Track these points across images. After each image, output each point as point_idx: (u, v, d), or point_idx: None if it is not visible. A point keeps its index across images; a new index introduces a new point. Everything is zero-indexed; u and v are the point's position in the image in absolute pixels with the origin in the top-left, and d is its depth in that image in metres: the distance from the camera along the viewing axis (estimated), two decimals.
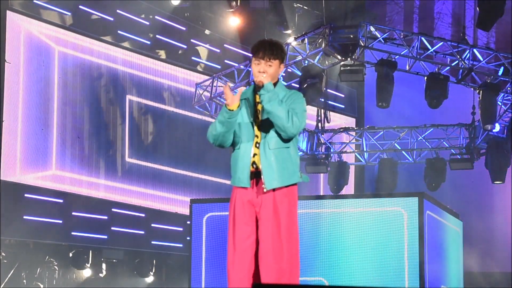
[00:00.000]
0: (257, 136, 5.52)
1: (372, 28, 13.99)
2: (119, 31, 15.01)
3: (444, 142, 16.00)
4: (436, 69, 14.11)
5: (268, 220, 5.44)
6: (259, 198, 5.48)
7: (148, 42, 15.56)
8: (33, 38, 13.68)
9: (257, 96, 5.56)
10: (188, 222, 10.33)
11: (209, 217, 9.85)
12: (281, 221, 5.45)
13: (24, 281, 13.57)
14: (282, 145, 5.52)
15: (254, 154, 5.51)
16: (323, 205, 9.60)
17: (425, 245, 9.08)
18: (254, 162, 5.50)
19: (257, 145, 5.51)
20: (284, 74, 15.04)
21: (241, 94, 5.50)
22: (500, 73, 14.03)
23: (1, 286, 13.04)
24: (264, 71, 5.50)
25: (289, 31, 15.72)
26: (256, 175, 5.50)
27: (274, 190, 5.47)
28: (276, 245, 5.41)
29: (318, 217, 9.50)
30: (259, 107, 5.56)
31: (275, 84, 5.58)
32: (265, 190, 5.46)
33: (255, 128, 5.53)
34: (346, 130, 16.86)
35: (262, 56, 5.51)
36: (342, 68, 14.34)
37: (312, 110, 17.54)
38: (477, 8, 13.35)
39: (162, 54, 15.93)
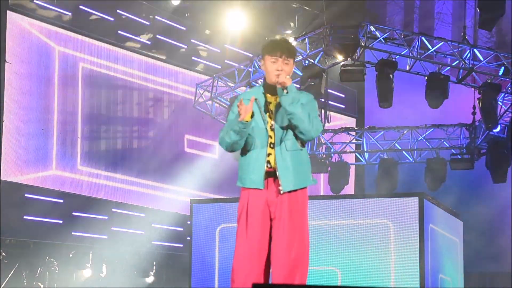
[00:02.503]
0: (270, 137, 5.50)
1: (372, 28, 14.00)
2: (119, 31, 15.01)
3: (444, 142, 15.99)
4: (437, 69, 14.12)
5: (283, 220, 5.45)
6: (274, 198, 5.48)
7: (148, 42, 15.56)
8: (33, 38, 13.68)
9: (268, 96, 5.55)
10: (188, 222, 10.33)
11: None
12: (296, 222, 5.47)
13: (24, 281, 13.57)
14: (298, 147, 5.52)
15: (269, 154, 5.49)
16: (323, 204, 9.59)
17: (425, 245, 9.08)
18: (268, 162, 5.49)
19: (271, 145, 5.50)
20: None
21: (253, 102, 5.46)
22: (500, 73, 14.03)
23: (1, 286, 13.04)
24: (282, 69, 5.49)
25: (289, 31, 15.72)
26: (270, 174, 5.49)
27: (289, 191, 5.48)
28: (291, 244, 5.43)
29: (317, 217, 9.49)
30: (271, 107, 5.54)
31: None
32: (281, 193, 5.47)
33: (268, 128, 5.52)
34: (346, 130, 16.86)
35: (280, 54, 5.50)
36: (342, 68, 14.34)
37: None
38: (477, 9, 13.36)
39: (162, 54, 15.92)
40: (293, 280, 5.41)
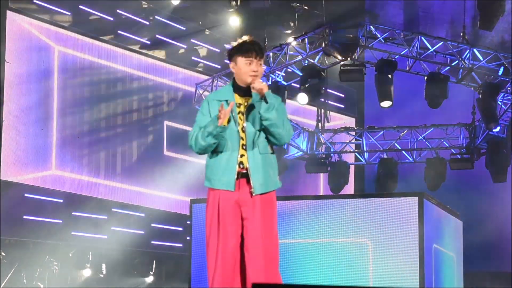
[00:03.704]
0: (242, 138, 5.53)
1: (372, 28, 14.01)
2: (119, 31, 15.01)
3: (444, 142, 15.99)
4: (436, 69, 14.12)
5: (256, 220, 5.51)
6: (246, 199, 5.52)
7: (148, 42, 15.56)
8: (33, 38, 13.68)
9: (237, 97, 5.58)
10: (188, 222, 10.32)
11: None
12: (267, 222, 5.54)
13: (24, 281, 13.56)
14: (269, 150, 5.58)
15: (241, 155, 5.52)
16: (322, 204, 9.59)
17: (425, 245, 9.07)
18: (241, 163, 5.52)
19: (244, 147, 5.52)
20: (284, 74, 15.05)
21: (232, 106, 5.48)
22: (500, 72, 14.04)
23: (1, 286, 13.04)
24: (257, 70, 5.52)
25: (289, 31, 15.72)
26: (242, 175, 5.52)
27: (253, 194, 5.53)
28: (265, 244, 5.50)
29: (318, 217, 9.50)
30: (242, 108, 5.58)
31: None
32: (253, 195, 5.51)
33: (240, 130, 5.53)
34: (346, 130, 16.86)
35: (255, 55, 5.53)
36: (342, 68, 14.35)
37: (312, 110, 17.55)
38: (477, 9, 13.37)
39: (162, 54, 15.93)
40: (270, 279, 5.46)
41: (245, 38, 5.63)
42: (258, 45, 5.57)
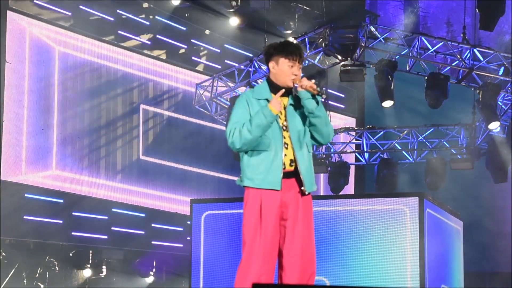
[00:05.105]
0: (284, 137, 5.52)
1: (372, 28, 14.01)
2: (119, 31, 15.01)
3: (444, 142, 15.99)
4: (437, 69, 14.12)
5: (299, 221, 5.51)
6: (289, 199, 5.51)
7: (148, 42, 15.56)
8: (33, 38, 13.68)
9: (273, 96, 5.54)
10: (188, 222, 10.32)
11: (207, 215, 9.84)
12: (309, 223, 5.56)
13: (24, 281, 13.56)
14: (311, 150, 5.63)
15: (284, 154, 5.50)
16: (323, 204, 9.60)
17: (425, 245, 9.08)
18: (283, 163, 5.50)
19: (285, 145, 5.50)
20: None
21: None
22: (500, 73, 14.03)
23: (1, 286, 13.04)
24: (297, 74, 5.55)
25: (289, 31, 15.72)
26: (284, 175, 5.49)
27: (306, 193, 5.54)
28: (306, 244, 5.51)
29: (318, 217, 9.50)
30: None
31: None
32: (307, 193, 5.52)
33: (282, 128, 5.54)
34: (346, 130, 16.86)
35: (299, 60, 5.56)
36: (342, 68, 14.35)
37: None
38: (477, 10, 13.37)
39: (162, 54, 15.92)
40: (308, 280, 5.49)
41: (289, 40, 5.71)
42: (302, 50, 5.61)
